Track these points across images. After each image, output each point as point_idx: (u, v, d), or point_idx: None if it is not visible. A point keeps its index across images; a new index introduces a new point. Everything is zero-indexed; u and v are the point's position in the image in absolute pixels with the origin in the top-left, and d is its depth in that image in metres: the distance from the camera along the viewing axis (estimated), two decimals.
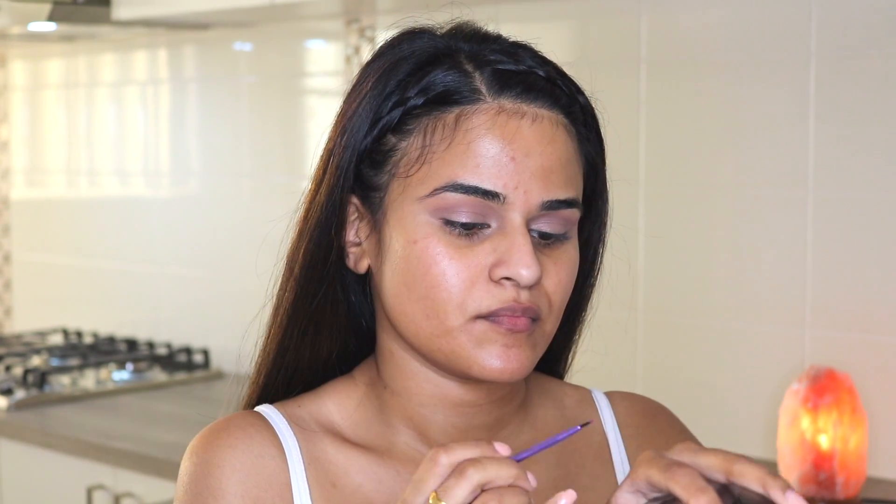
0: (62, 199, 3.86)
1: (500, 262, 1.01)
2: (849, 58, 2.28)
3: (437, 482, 0.89)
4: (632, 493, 0.89)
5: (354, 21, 3.06)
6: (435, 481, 0.89)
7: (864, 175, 2.28)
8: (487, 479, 0.88)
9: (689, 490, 0.84)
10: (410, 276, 1.02)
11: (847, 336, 2.30)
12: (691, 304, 2.50)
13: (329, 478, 1.07)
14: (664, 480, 0.86)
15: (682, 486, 0.85)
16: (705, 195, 2.48)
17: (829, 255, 2.32)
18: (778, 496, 0.83)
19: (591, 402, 1.19)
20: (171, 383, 3.21)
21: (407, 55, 1.05)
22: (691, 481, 0.84)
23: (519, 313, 1.01)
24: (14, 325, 4.01)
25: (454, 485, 0.88)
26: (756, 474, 0.85)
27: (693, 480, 0.85)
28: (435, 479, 0.90)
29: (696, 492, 0.84)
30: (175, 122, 3.52)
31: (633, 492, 0.89)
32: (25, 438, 2.87)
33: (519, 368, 1.02)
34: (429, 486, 0.89)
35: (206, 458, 1.06)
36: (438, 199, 1.01)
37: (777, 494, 0.83)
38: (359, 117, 1.05)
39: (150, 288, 3.57)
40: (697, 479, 0.85)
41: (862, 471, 2.18)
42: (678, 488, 0.85)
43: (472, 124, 1.01)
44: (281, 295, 1.10)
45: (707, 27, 2.46)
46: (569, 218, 1.04)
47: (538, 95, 1.03)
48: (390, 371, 1.10)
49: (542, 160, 1.01)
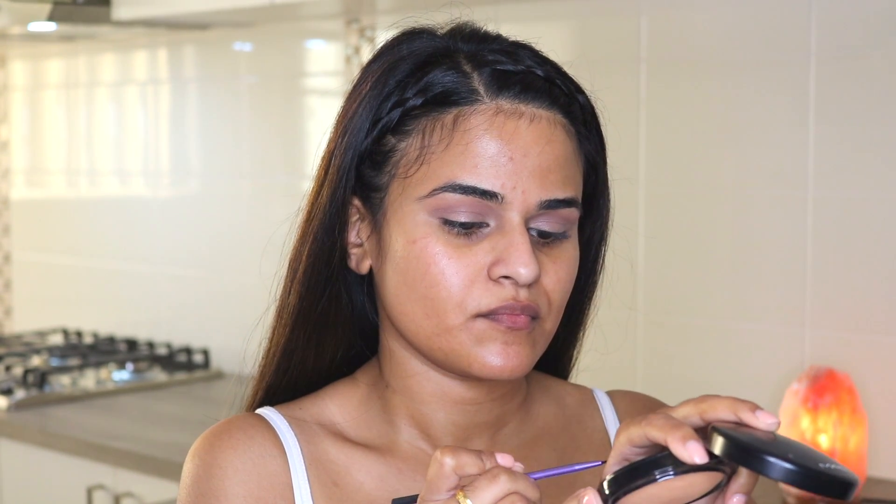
0: (62, 199, 3.86)
1: (498, 260, 1.01)
2: (849, 58, 2.28)
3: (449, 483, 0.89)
4: (618, 462, 0.90)
5: (354, 21, 3.07)
6: (447, 482, 0.89)
7: (864, 175, 2.28)
8: (517, 489, 0.88)
9: (665, 429, 0.85)
10: (410, 275, 1.03)
11: (847, 336, 2.30)
12: (691, 304, 2.51)
13: (331, 477, 1.07)
14: (641, 429, 0.87)
15: (657, 427, 0.86)
16: (705, 195, 2.48)
17: (829, 255, 2.32)
18: (749, 416, 0.85)
19: (593, 401, 1.19)
20: (171, 383, 3.22)
21: (406, 55, 1.06)
22: (665, 422, 0.86)
23: (518, 311, 1.01)
24: (14, 325, 4.01)
25: (485, 487, 0.88)
26: (724, 403, 0.86)
27: (667, 420, 0.86)
28: (446, 481, 0.89)
29: (671, 429, 0.85)
30: (175, 122, 3.52)
31: (619, 461, 0.90)
32: (25, 438, 2.87)
33: (518, 366, 1.02)
34: (441, 487, 0.89)
35: (207, 460, 1.06)
36: (437, 200, 1.01)
37: (748, 416, 0.85)
38: (359, 118, 1.06)
39: (150, 288, 3.57)
40: (671, 419, 0.86)
41: (862, 471, 2.18)
42: (654, 430, 0.86)
43: (471, 125, 1.02)
44: (285, 297, 1.11)
45: (707, 27, 2.47)
46: (568, 217, 1.04)
47: (536, 95, 1.03)
48: (392, 370, 1.10)
49: (540, 160, 1.02)
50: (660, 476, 0.86)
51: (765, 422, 0.85)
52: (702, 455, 0.84)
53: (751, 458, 0.82)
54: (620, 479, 0.88)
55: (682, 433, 0.84)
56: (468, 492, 0.88)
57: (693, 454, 0.83)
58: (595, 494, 0.88)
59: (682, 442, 0.84)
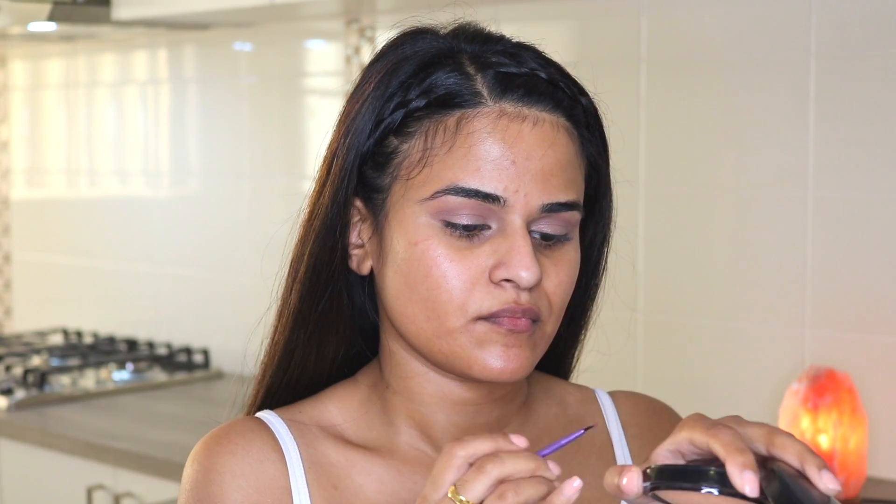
0: (62, 199, 3.86)
1: (500, 263, 1.01)
2: (849, 58, 2.28)
3: (456, 476, 0.90)
4: (671, 451, 0.90)
5: (354, 21, 3.07)
6: (453, 475, 0.90)
7: (864, 175, 2.28)
8: (506, 473, 0.89)
9: (728, 448, 0.85)
10: (412, 277, 1.03)
11: (847, 336, 2.30)
12: (691, 304, 2.51)
13: (330, 480, 1.07)
14: (706, 437, 0.87)
15: (722, 443, 0.86)
16: (705, 195, 2.48)
17: (829, 255, 2.32)
18: (814, 473, 0.84)
19: (595, 402, 1.19)
20: (171, 383, 3.22)
21: (409, 55, 1.05)
22: (732, 441, 0.85)
23: (519, 314, 1.01)
24: (14, 325, 4.01)
25: (472, 479, 0.89)
26: (796, 449, 0.86)
27: (734, 440, 0.86)
28: (452, 473, 0.90)
29: (734, 451, 0.85)
30: (175, 122, 3.52)
31: (673, 451, 0.90)
32: (25, 438, 2.87)
33: (519, 368, 1.02)
34: (447, 481, 0.90)
35: (206, 464, 1.06)
36: (439, 202, 1.01)
37: (813, 472, 0.84)
38: (362, 118, 1.05)
39: (150, 288, 3.57)
40: (738, 441, 0.86)
41: (862, 471, 2.18)
42: (718, 445, 0.86)
43: (474, 128, 1.01)
44: (286, 297, 1.11)
45: (707, 27, 2.47)
46: (569, 219, 1.04)
47: (540, 98, 1.03)
48: (392, 371, 1.10)
49: (543, 163, 1.02)
50: (705, 488, 0.86)
51: (826, 485, 0.84)
52: (754, 489, 0.83)
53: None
54: (667, 474, 0.88)
55: (744, 460, 0.84)
56: (459, 486, 0.89)
57: (746, 484, 0.83)
58: (638, 475, 0.88)
59: (740, 469, 0.84)
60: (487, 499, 0.88)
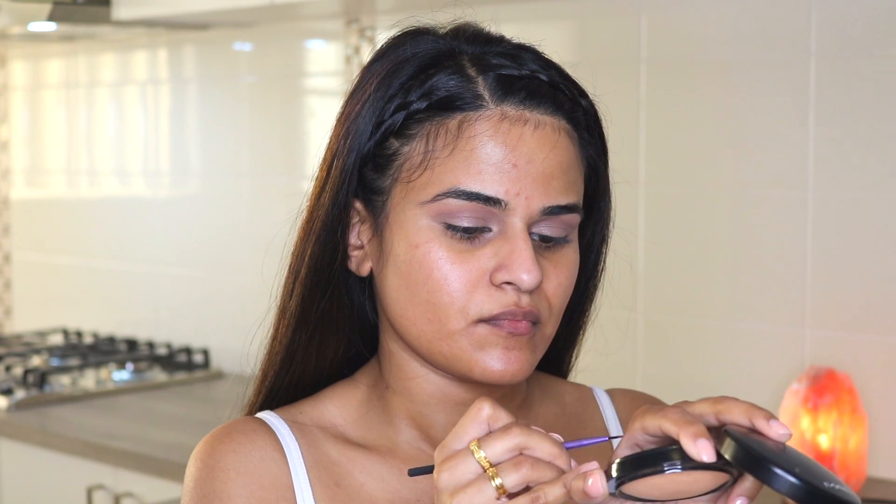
0: (62, 199, 3.86)
1: (501, 266, 1.01)
2: (849, 58, 2.28)
3: (478, 431, 0.91)
4: (629, 447, 0.91)
5: (354, 21, 3.07)
6: (476, 430, 0.91)
7: (864, 175, 2.28)
8: (529, 444, 0.90)
9: (679, 423, 0.87)
10: (412, 280, 1.03)
11: (847, 336, 2.30)
12: (691, 304, 2.51)
13: (333, 478, 1.08)
14: (656, 420, 0.88)
15: (672, 420, 0.87)
16: (705, 195, 2.48)
17: (829, 255, 2.32)
18: (763, 425, 0.86)
19: (593, 400, 1.20)
20: (171, 383, 3.22)
21: (409, 56, 1.05)
22: (681, 416, 0.87)
23: (520, 317, 1.02)
24: (14, 325, 4.01)
25: (496, 438, 0.90)
26: (741, 407, 0.88)
27: (682, 415, 0.87)
28: (476, 428, 0.91)
29: (684, 424, 0.86)
30: (175, 122, 3.52)
31: (630, 445, 0.91)
32: (25, 438, 2.87)
33: (519, 370, 1.03)
34: (469, 434, 0.91)
35: (209, 462, 1.06)
36: (440, 205, 1.01)
37: (762, 423, 0.86)
38: (362, 119, 1.05)
39: (150, 288, 3.57)
40: (687, 415, 0.88)
41: (862, 471, 2.18)
42: (668, 423, 0.87)
43: (475, 131, 1.01)
44: (286, 299, 1.11)
45: (707, 27, 2.47)
46: (569, 222, 1.04)
47: (541, 101, 1.03)
48: (392, 371, 1.10)
49: (544, 167, 1.02)
50: (668, 468, 0.87)
51: (777, 432, 0.86)
52: (710, 454, 0.85)
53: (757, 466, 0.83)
54: (629, 465, 0.89)
55: (695, 430, 0.86)
56: (482, 442, 0.90)
57: (702, 452, 0.85)
58: (601, 476, 0.88)
59: (693, 438, 0.85)
60: (503, 463, 0.89)
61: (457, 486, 0.90)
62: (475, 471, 0.89)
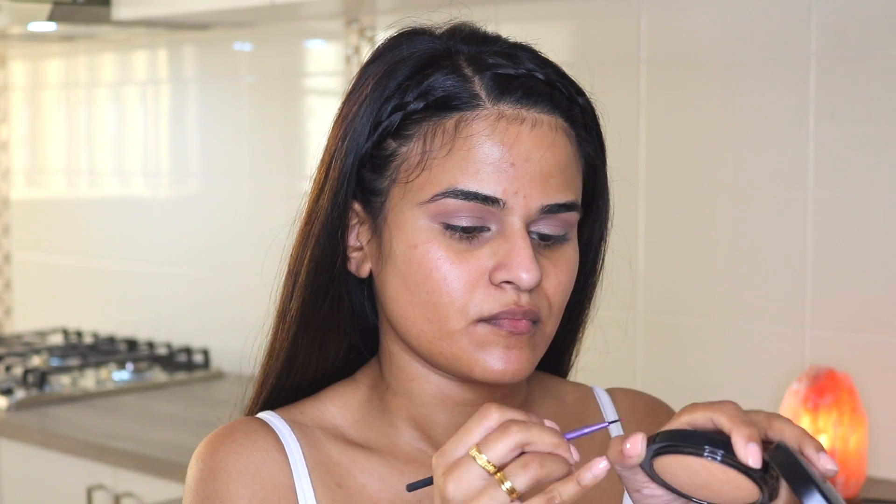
0: (62, 199, 3.86)
1: (500, 265, 1.01)
2: (849, 58, 2.28)
3: (482, 436, 0.90)
4: None
5: (354, 21, 3.07)
6: (480, 434, 0.90)
7: (864, 175, 2.28)
8: (530, 440, 0.89)
9: (734, 420, 0.86)
10: (412, 280, 1.03)
11: (847, 336, 2.30)
12: (691, 304, 2.50)
13: (334, 479, 1.08)
14: (708, 413, 0.88)
15: (727, 415, 0.87)
16: (705, 195, 2.48)
17: (829, 255, 2.32)
18: (812, 454, 0.86)
19: (593, 399, 1.20)
20: (171, 383, 3.22)
21: (406, 57, 1.05)
22: (738, 414, 0.87)
23: (520, 316, 1.01)
24: (14, 325, 4.01)
25: (496, 439, 0.89)
26: (794, 432, 0.87)
27: (739, 414, 0.87)
28: (480, 433, 0.90)
29: (740, 423, 0.86)
30: (175, 122, 3.52)
31: None
32: (25, 438, 2.87)
33: (520, 370, 1.03)
34: (473, 438, 0.90)
35: (211, 463, 1.06)
36: (439, 205, 1.01)
37: (811, 453, 0.86)
38: (360, 121, 1.05)
39: (150, 288, 3.57)
40: (744, 415, 0.87)
41: (862, 471, 2.18)
42: (723, 417, 0.87)
43: (473, 130, 1.01)
44: (286, 301, 1.10)
45: (707, 27, 2.46)
46: (568, 220, 1.04)
47: (538, 100, 1.03)
48: (392, 372, 1.10)
49: (542, 165, 1.02)
50: (707, 454, 0.86)
51: (825, 466, 0.86)
52: (757, 460, 0.84)
53: (801, 482, 0.83)
54: (672, 436, 0.88)
55: (750, 432, 0.85)
56: (481, 446, 0.89)
57: (749, 455, 0.84)
58: (642, 439, 0.88)
59: (745, 440, 0.85)
60: (510, 465, 0.88)
61: (467, 495, 0.88)
62: (482, 476, 0.88)
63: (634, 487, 0.93)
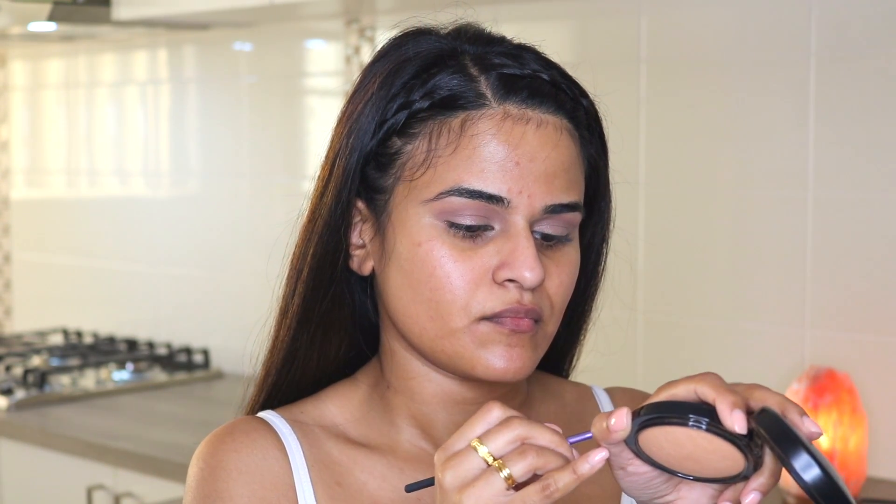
0: (62, 199, 3.86)
1: (503, 264, 1.01)
2: (849, 58, 2.28)
3: (485, 429, 0.91)
4: None
5: (354, 21, 3.07)
6: (482, 429, 0.91)
7: (864, 175, 2.28)
8: (530, 434, 0.90)
9: (718, 389, 0.86)
10: (415, 278, 1.03)
11: (847, 336, 2.30)
12: (691, 304, 2.51)
13: (334, 477, 1.08)
14: (691, 384, 0.88)
15: (710, 385, 0.87)
16: (705, 195, 2.48)
17: (829, 255, 2.32)
18: (796, 419, 0.86)
19: (592, 398, 1.20)
20: (171, 383, 3.22)
21: (412, 56, 1.05)
22: (720, 383, 0.87)
23: (522, 315, 1.02)
24: (14, 325, 4.01)
25: (497, 431, 0.90)
26: (776, 399, 0.87)
27: (723, 384, 0.87)
28: (482, 427, 0.91)
29: (724, 391, 0.86)
30: (175, 122, 3.52)
31: None
32: (25, 438, 2.87)
33: (521, 368, 1.03)
34: (475, 432, 0.91)
35: (212, 462, 1.07)
36: (443, 203, 1.02)
37: (795, 417, 0.86)
38: (365, 119, 1.05)
39: (150, 288, 3.57)
40: (726, 384, 0.87)
41: (862, 471, 2.18)
42: (706, 387, 0.87)
43: (478, 129, 1.02)
44: (288, 298, 1.11)
45: (707, 27, 2.47)
46: (571, 220, 1.05)
47: (543, 100, 1.04)
48: (393, 370, 1.11)
49: (546, 165, 1.02)
50: (692, 423, 0.86)
51: (809, 428, 0.86)
52: (743, 426, 0.84)
53: (790, 442, 0.82)
54: (656, 408, 0.88)
55: (734, 400, 0.85)
56: (483, 437, 0.90)
57: (735, 421, 0.85)
58: (628, 413, 0.88)
59: (730, 407, 0.85)
60: (509, 454, 0.89)
61: (464, 482, 0.90)
62: (480, 466, 0.90)
63: (619, 465, 0.93)
